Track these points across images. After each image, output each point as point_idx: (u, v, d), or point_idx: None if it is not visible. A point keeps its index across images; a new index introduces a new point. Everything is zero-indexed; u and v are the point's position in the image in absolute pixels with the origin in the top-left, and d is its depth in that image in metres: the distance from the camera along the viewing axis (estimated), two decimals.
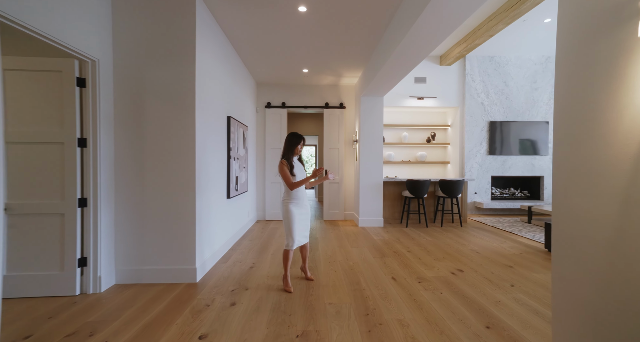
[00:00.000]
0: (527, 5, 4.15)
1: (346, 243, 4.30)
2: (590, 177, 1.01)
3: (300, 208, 2.76)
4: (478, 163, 6.53)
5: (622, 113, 0.91)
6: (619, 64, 0.92)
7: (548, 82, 6.51)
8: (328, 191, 6.13)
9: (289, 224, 2.70)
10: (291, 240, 2.70)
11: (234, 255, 3.71)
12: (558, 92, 1.17)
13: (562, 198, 1.12)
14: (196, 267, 2.82)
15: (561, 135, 1.14)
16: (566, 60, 1.13)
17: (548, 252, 3.80)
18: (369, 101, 5.44)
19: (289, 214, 2.70)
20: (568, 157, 1.09)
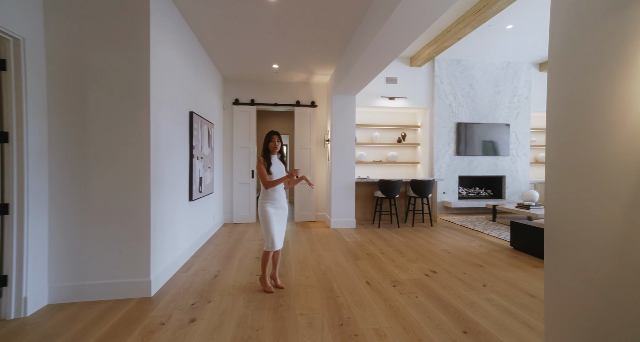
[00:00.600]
0: (493, 10, 4.25)
1: (318, 246, 4.14)
2: (592, 177, 0.93)
3: (277, 209, 2.65)
4: (446, 163, 6.68)
5: (630, 106, 0.84)
6: (626, 52, 0.84)
7: (509, 86, 6.82)
8: (299, 192, 5.95)
9: (266, 225, 2.60)
10: (270, 241, 2.61)
11: (196, 262, 3.41)
12: (552, 85, 1.09)
13: (557, 200, 1.04)
14: (151, 280, 2.50)
15: (556, 132, 1.06)
16: (561, 48, 1.05)
17: (514, 250, 3.91)
18: (341, 100, 5.34)
19: (265, 215, 2.60)
20: (564, 156, 1.01)
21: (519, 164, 6.91)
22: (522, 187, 6.93)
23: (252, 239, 4.54)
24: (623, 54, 0.85)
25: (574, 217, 1.01)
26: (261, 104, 5.86)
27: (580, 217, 0.99)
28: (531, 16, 4.81)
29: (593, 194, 0.94)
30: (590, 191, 0.95)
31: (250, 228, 5.29)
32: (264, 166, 2.60)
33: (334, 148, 5.34)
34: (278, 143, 2.67)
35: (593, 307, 0.96)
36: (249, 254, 3.74)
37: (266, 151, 2.67)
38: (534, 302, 2.44)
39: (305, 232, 4.97)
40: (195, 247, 3.83)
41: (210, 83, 4.72)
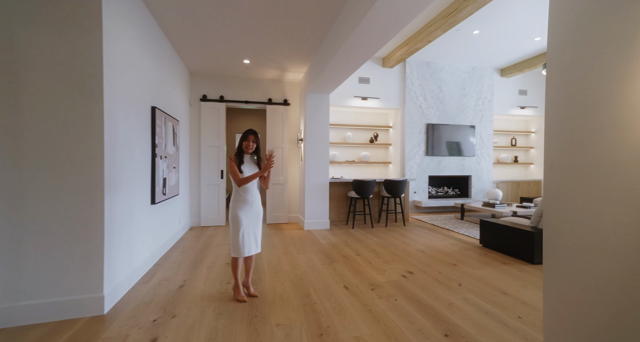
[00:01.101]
0: (463, 14, 4.36)
1: (292, 249, 3.99)
2: (599, 178, 0.89)
3: (249, 213, 2.48)
4: (417, 163, 6.81)
5: None
6: (637, 43, 0.80)
7: (474, 89, 7.11)
8: (271, 193, 5.75)
9: (235, 229, 2.44)
10: (238, 247, 2.44)
11: (160, 271, 3.12)
12: (551, 80, 1.05)
13: (558, 202, 1.00)
14: (104, 295, 2.21)
15: (557, 131, 1.01)
16: (562, 40, 1.00)
17: (483, 247, 4.03)
18: (315, 98, 5.22)
19: (236, 219, 2.45)
20: (567, 155, 0.96)
21: (483, 164, 7.23)
22: (486, 186, 7.26)
23: (222, 243, 4.28)
24: (633, 46, 0.81)
25: (578, 220, 0.97)
26: (231, 101, 5.58)
27: (586, 220, 0.95)
28: (496, 23, 5.01)
29: (601, 195, 0.90)
30: (597, 192, 0.91)
31: (220, 231, 5.01)
32: (235, 164, 2.44)
33: (307, 148, 5.22)
34: (253, 144, 2.52)
35: (599, 318, 0.92)
36: (219, 260, 3.50)
37: (240, 150, 2.53)
38: (507, 299, 2.49)
39: (279, 235, 4.80)
40: (158, 255, 3.51)
41: (174, 77, 4.39)
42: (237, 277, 2.50)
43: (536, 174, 8.00)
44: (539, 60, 6.38)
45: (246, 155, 2.55)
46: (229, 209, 2.56)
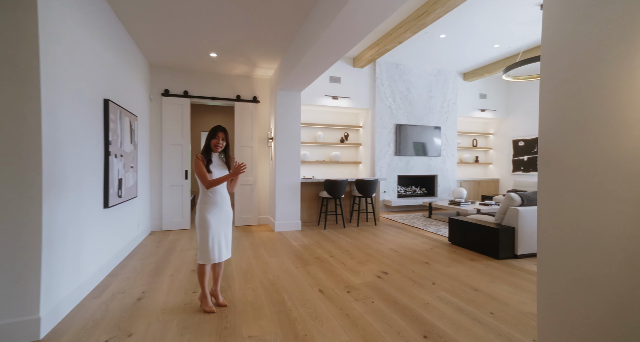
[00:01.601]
0: (432, 17, 4.45)
1: (263, 252, 3.81)
2: (600, 177, 0.87)
3: (219, 215, 2.29)
4: (387, 163, 6.91)
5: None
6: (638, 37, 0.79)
7: (440, 92, 7.36)
8: (240, 194, 5.49)
9: (203, 234, 2.24)
10: (206, 254, 2.24)
11: (114, 283, 2.80)
12: (546, 75, 1.03)
13: (554, 201, 0.97)
14: (40, 317, 1.89)
15: (553, 128, 0.97)
16: (558, 32, 0.98)
17: (452, 245, 4.14)
18: (286, 96, 5.07)
19: (204, 223, 2.24)
20: (564, 154, 0.93)
21: (448, 164, 7.51)
22: (451, 185, 7.55)
23: (187, 248, 3.99)
24: (633, 40, 0.80)
25: (576, 219, 0.95)
26: (197, 97, 5.25)
27: (585, 219, 0.93)
28: (461, 29, 5.20)
29: (602, 194, 0.88)
30: (597, 190, 0.89)
31: (184, 235, 4.68)
32: (202, 163, 2.24)
33: (278, 147, 5.05)
34: (222, 142, 2.33)
35: (596, 320, 0.90)
36: (184, 267, 3.23)
37: (207, 148, 2.32)
38: (478, 296, 2.54)
39: (248, 237, 4.58)
40: (112, 264, 3.16)
41: (132, 68, 4.01)
42: (204, 286, 2.30)
43: (495, 173, 8.49)
44: (498, 66, 6.75)
45: (214, 154, 2.35)
46: (194, 211, 2.34)
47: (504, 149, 8.19)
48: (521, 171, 7.71)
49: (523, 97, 7.74)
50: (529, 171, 7.53)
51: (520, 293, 2.59)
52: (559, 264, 1.02)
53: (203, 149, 2.32)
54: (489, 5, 4.51)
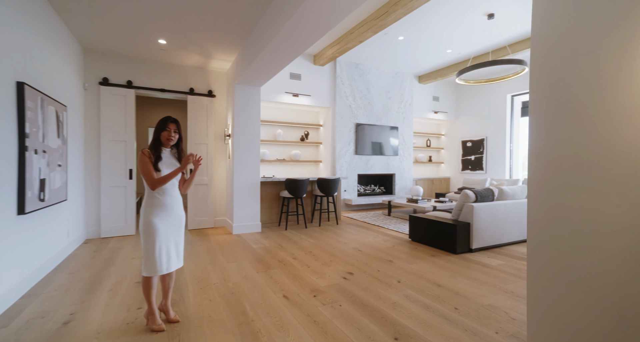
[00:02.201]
0: (392, 18, 4.51)
1: (221, 257, 3.53)
2: (596, 170, 0.84)
3: (168, 219, 2.00)
4: (347, 162, 6.93)
5: None
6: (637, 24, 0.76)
7: (397, 93, 7.59)
8: (194, 195, 5.08)
9: (149, 241, 1.94)
10: (152, 264, 1.95)
11: (31, 305, 2.34)
12: (536, 63, 0.99)
13: (546, 195, 0.94)
14: None
15: (544, 119, 0.93)
16: (549, 22, 0.94)
17: (412, 241, 4.23)
18: (245, 91, 4.79)
19: (150, 228, 1.93)
20: (556, 146, 0.90)
21: (405, 163, 7.78)
22: (407, 183, 7.84)
23: (131, 256, 3.54)
24: (633, 27, 0.77)
25: (569, 214, 0.93)
26: (143, 88, 4.73)
27: (579, 214, 0.91)
28: (418, 32, 5.37)
29: (597, 187, 0.86)
30: (592, 184, 0.87)
31: (127, 242, 4.17)
32: (149, 160, 1.94)
33: (236, 144, 4.75)
34: (175, 134, 2.05)
35: (589, 318, 0.88)
36: (127, 279, 2.84)
37: (156, 142, 2.02)
38: (442, 292, 2.58)
39: (204, 242, 4.23)
40: (30, 282, 2.66)
41: (59, 50, 3.45)
42: (151, 301, 2.00)
43: (446, 172, 9.01)
44: (450, 70, 7.15)
45: (165, 150, 2.05)
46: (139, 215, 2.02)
47: (454, 149, 8.73)
48: (469, 169, 8.28)
49: (471, 101, 8.31)
50: (475, 169, 8.11)
51: (479, 286, 2.69)
52: (549, 260, 1.00)
53: (151, 144, 2.03)
54: (443, 12, 4.71)
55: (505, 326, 2.04)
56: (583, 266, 0.90)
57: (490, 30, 5.22)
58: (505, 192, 3.98)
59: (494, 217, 3.77)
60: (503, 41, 5.64)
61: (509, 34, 5.38)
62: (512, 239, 3.99)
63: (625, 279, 0.83)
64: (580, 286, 0.90)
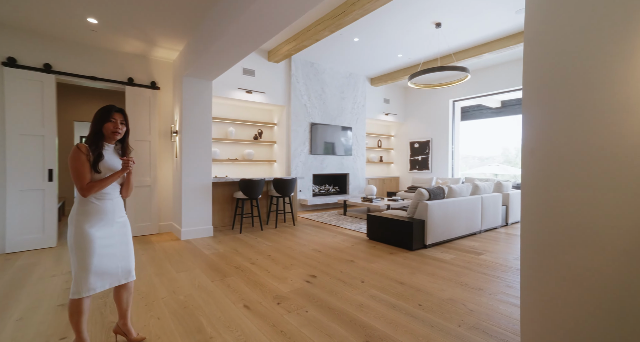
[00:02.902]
0: (349, 18, 4.53)
1: (169, 267, 3.16)
2: (596, 166, 0.84)
3: (107, 228, 1.67)
4: (302, 162, 6.83)
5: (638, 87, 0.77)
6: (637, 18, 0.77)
7: (351, 94, 7.72)
8: (134, 198, 4.51)
9: (82, 255, 1.58)
10: (84, 282, 1.58)
11: None
12: (529, 51, 0.98)
13: (541, 193, 0.93)
14: None
15: (540, 116, 0.92)
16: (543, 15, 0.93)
17: (370, 240, 4.29)
18: (195, 84, 4.40)
19: (82, 240, 1.58)
20: (552, 142, 0.90)
21: (358, 163, 7.95)
22: (360, 183, 8.02)
23: (51, 273, 2.99)
24: (627, 26, 0.79)
25: (565, 211, 0.94)
26: (67, 74, 4.05)
27: (576, 211, 0.92)
28: (373, 34, 5.50)
29: (595, 184, 0.87)
30: (590, 180, 0.88)
31: (45, 257, 3.53)
32: (86, 158, 1.58)
33: (185, 142, 4.34)
34: (122, 127, 1.71)
35: (589, 315, 0.89)
36: (45, 303, 2.36)
37: (98, 136, 1.66)
38: (405, 289, 2.62)
39: (147, 250, 3.77)
40: None
41: None
42: (81, 330, 1.62)
43: (396, 171, 9.44)
44: (400, 74, 7.49)
45: (108, 146, 1.71)
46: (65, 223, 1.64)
47: (403, 149, 9.19)
48: (416, 169, 8.78)
49: (418, 105, 8.82)
50: (422, 169, 8.63)
51: (437, 281, 2.80)
52: (543, 258, 1.02)
53: (89, 138, 1.65)
54: (396, 18, 4.88)
55: (465, 318, 2.13)
56: (578, 261, 0.92)
57: (438, 38, 5.56)
58: (454, 190, 4.25)
59: (445, 214, 3.99)
60: (449, 49, 6.07)
61: (454, 43, 5.79)
62: (460, 233, 4.28)
63: (621, 274, 0.86)
64: (575, 282, 0.93)
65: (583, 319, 0.92)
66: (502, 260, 3.41)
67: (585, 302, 0.89)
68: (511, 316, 2.16)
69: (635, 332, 0.81)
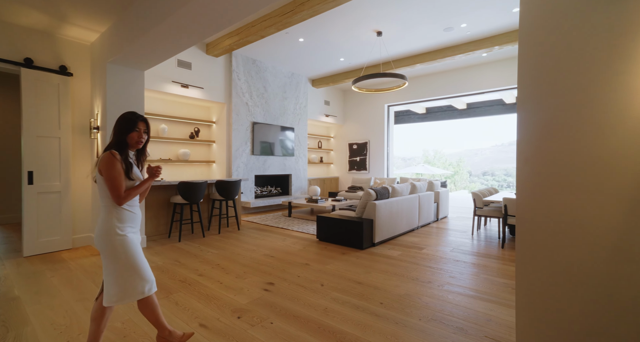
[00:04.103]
0: (297, 17, 4.48)
1: (94, 288, 2.66)
2: (583, 172, 0.94)
3: (137, 234, 1.73)
4: (244, 163, 6.53)
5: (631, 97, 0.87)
6: (625, 43, 0.89)
7: (293, 94, 7.66)
8: (35, 206, 3.69)
9: (134, 260, 1.62)
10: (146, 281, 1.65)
11: None
12: (523, 70, 1.05)
13: (535, 196, 1.01)
14: None
15: (534, 126, 1.00)
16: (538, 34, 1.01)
17: (320, 241, 4.31)
18: (124, 73, 3.80)
19: (129, 247, 1.61)
20: (546, 151, 0.98)
21: (300, 164, 7.94)
22: (302, 184, 8.03)
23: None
24: (621, 46, 0.91)
25: (557, 213, 1.03)
26: None
27: (566, 213, 1.02)
28: (317, 36, 5.55)
29: (584, 188, 0.98)
30: (579, 185, 0.98)
31: None
32: (121, 166, 1.58)
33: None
34: (145, 136, 1.71)
35: (581, 307, 1.00)
36: None
37: (122, 145, 1.65)
38: (364, 289, 2.68)
39: (58, 271, 3.12)
40: None
41: None
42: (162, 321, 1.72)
43: (335, 172, 9.72)
44: (341, 77, 7.72)
45: (130, 154, 1.73)
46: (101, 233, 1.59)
47: (342, 150, 9.51)
48: (355, 169, 9.18)
49: (356, 108, 9.22)
50: (360, 169, 9.06)
51: (391, 278, 2.94)
52: (536, 256, 1.12)
53: (115, 146, 1.62)
54: (341, 22, 5.01)
55: (423, 311, 2.28)
56: (570, 260, 1.05)
57: (380, 46, 5.89)
58: (397, 190, 4.54)
59: (390, 213, 4.24)
60: (389, 56, 6.47)
61: (393, 51, 6.21)
62: (402, 230, 4.60)
63: (610, 271, 1.00)
64: (566, 276, 1.06)
65: (574, 309, 1.05)
66: (441, 253, 3.77)
67: (575, 294, 1.03)
68: (459, 304, 2.39)
69: (620, 320, 0.96)
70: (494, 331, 2.00)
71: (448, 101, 8.65)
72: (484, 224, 5.37)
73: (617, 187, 0.96)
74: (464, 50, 5.83)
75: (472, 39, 5.66)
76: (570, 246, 1.05)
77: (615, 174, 0.96)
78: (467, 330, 2.02)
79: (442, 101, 8.55)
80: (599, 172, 0.99)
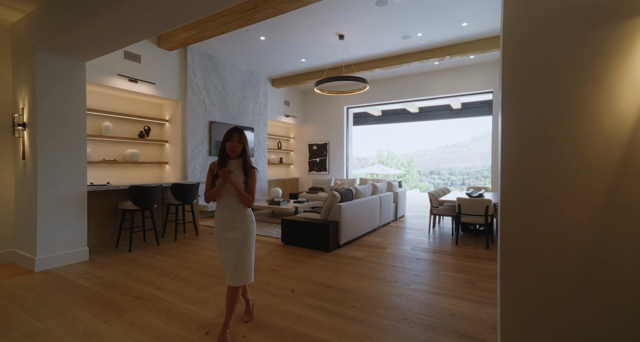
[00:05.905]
0: (260, 15, 4.35)
1: (22, 315, 2.29)
2: (561, 182, 1.01)
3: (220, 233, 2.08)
4: (201, 164, 6.18)
5: (602, 115, 0.97)
6: (595, 66, 0.98)
7: (252, 93, 7.44)
8: None
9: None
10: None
11: None
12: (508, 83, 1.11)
13: (517, 205, 1.07)
14: None
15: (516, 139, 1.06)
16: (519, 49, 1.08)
17: (285, 245, 4.23)
18: (59, 63, 3.33)
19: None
20: (528, 161, 1.04)
21: (260, 165, 7.75)
22: (262, 185, 7.83)
23: None
24: (592, 68, 1.00)
25: (536, 221, 1.10)
26: None
27: (545, 220, 1.09)
28: (279, 36, 5.45)
29: (560, 197, 1.06)
30: (556, 195, 1.07)
31: None
32: (211, 173, 2.06)
33: (43, 138, 3.24)
34: (239, 144, 2.03)
35: (562, 309, 1.08)
36: None
37: (223, 153, 2.05)
38: (335, 293, 2.69)
39: None
40: None
41: None
42: None
43: (295, 173, 9.66)
44: (301, 78, 7.69)
45: (231, 161, 2.08)
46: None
47: (302, 151, 9.49)
48: (315, 170, 9.21)
49: (316, 109, 9.26)
50: (320, 170, 9.12)
51: (360, 279, 2.99)
52: (518, 260, 1.20)
53: (219, 155, 2.08)
54: (304, 23, 4.98)
55: (394, 311, 2.35)
56: (549, 262, 1.15)
57: (342, 48, 5.97)
58: (360, 191, 4.65)
59: (354, 214, 4.32)
60: (350, 59, 6.59)
61: (354, 55, 6.33)
62: (365, 230, 4.72)
63: (583, 272, 1.11)
64: (547, 279, 1.15)
65: (554, 309, 1.15)
66: (403, 252, 3.94)
67: (555, 295, 1.14)
68: (426, 301, 2.51)
69: (595, 318, 1.08)
70: (459, 325, 2.14)
71: (402, 105, 9.11)
72: (438, 222, 5.75)
73: (589, 197, 1.08)
74: (419, 58, 6.17)
75: (427, 48, 6.02)
76: (548, 250, 1.16)
77: (587, 185, 1.08)
78: (435, 327, 2.12)
79: (398, 105, 8.97)
80: (572, 185, 1.11)
